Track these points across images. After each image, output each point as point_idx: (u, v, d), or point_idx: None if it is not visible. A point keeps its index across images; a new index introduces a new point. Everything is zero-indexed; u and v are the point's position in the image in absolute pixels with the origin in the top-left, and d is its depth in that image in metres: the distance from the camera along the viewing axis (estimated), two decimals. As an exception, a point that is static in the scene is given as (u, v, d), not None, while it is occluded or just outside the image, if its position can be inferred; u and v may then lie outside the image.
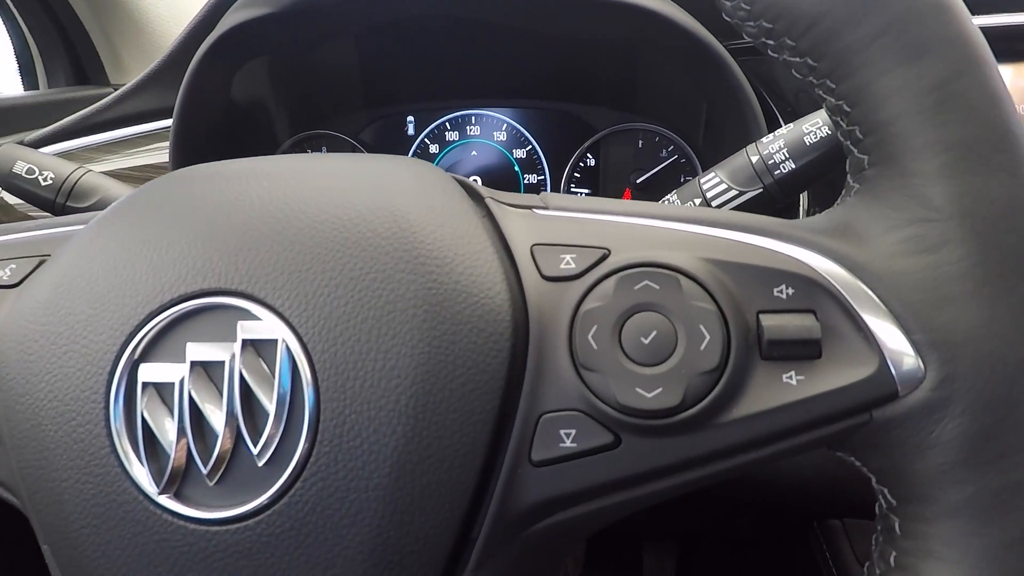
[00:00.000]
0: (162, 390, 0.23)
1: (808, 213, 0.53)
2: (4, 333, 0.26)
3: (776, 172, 0.38)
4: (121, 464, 0.23)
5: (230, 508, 0.22)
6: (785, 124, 0.40)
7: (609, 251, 0.24)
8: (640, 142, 0.66)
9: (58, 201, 0.45)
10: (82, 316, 0.24)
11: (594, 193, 0.68)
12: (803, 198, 0.53)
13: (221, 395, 0.23)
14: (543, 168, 0.69)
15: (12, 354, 0.25)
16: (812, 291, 0.23)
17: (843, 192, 0.26)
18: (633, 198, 0.67)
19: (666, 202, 0.41)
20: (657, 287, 0.23)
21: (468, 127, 0.69)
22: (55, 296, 0.25)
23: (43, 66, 0.79)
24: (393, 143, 0.70)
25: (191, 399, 0.23)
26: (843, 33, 0.23)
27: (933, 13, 0.22)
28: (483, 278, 0.24)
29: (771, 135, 0.39)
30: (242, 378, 0.23)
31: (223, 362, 0.23)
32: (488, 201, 0.27)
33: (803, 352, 0.22)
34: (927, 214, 0.22)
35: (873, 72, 0.23)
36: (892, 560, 0.23)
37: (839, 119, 0.25)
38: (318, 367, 0.22)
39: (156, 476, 0.23)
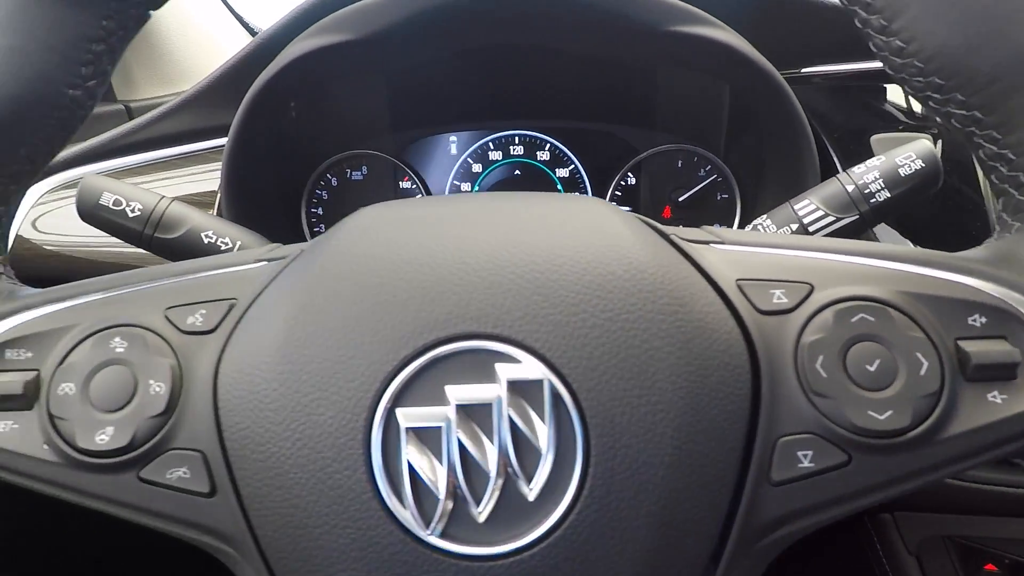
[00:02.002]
0: (425, 433, 0.24)
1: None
2: (226, 381, 0.25)
3: (872, 200, 0.41)
4: (385, 507, 0.24)
5: (502, 544, 0.23)
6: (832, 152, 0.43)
7: (813, 286, 0.27)
8: (680, 162, 0.69)
9: (146, 232, 0.44)
10: (327, 363, 0.24)
11: (635, 210, 0.71)
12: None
13: (490, 435, 0.23)
14: (585, 187, 0.71)
15: (243, 403, 0.25)
16: (1003, 318, 0.26)
17: (998, 229, 0.29)
18: (673, 216, 0.70)
19: (760, 227, 0.44)
20: (873, 319, 0.25)
21: (511, 147, 0.70)
22: (290, 343, 0.25)
23: None
24: (436, 163, 0.71)
25: (459, 441, 0.23)
26: (1019, 92, 0.26)
27: None
28: (713, 314, 0.26)
29: (862, 166, 0.42)
30: (510, 418, 0.23)
31: (489, 404, 0.24)
32: (673, 238, 0.29)
33: (1004, 374, 0.25)
34: None
35: None
36: None
37: (998, 164, 0.28)
38: (584, 405, 0.24)
39: (423, 517, 0.23)
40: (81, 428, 0.26)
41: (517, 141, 0.70)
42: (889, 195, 0.41)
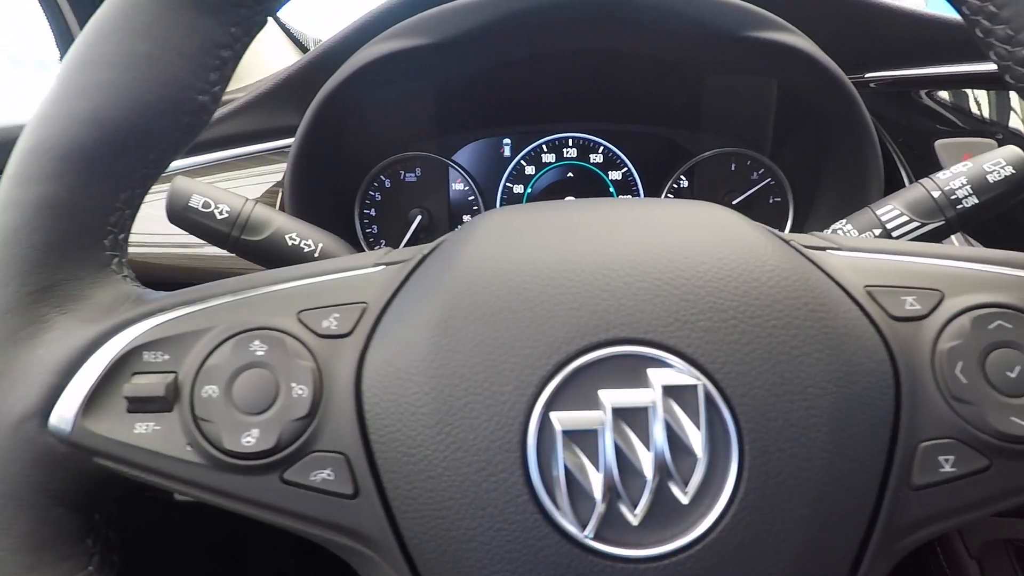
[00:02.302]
0: (580, 436, 0.24)
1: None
2: (371, 385, 0.26)
3: (959, 206, 0.42)
4: (541, 509, 0.24)
5: (658, 546, 0.24)
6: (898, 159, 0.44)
7: (943, 293, 0.27)
8: (733, 165, 0.69)
9: (232, 235, 0.44)
10: (478, 368, 0.25)
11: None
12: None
13: (645, 439, 0.24)
14: (638, 190, 0.71)
15: (391, 406, 0.25)
16: None
17: None
18: (724, 218, 0.70)
19: (841, 231, 0.44)
20: (1010, 326, 0.26)
21: (565, 149, 0.71)
22: (439, 348, 0.25)
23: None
24: (488, 165, 0.71)
25: (615, 444, 0.24)
26: None
27: None
28: (853, 320, 0.26)
29: (946, 172, 0.43)
30: (665, 422, 0.24)
31: (644, 408, 0.24)
32: (794, 244, 0.29)
33: None
34: None
35: None
36: None
37: None
38: (738, 409, 0.24)
39: (579, 519, 0.24)
40: (227, 430, 0.26)
41: (571, 143, 0.71)
42: (977, 201, 0.41)
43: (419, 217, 0.70)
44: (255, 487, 0.26)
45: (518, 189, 0.72)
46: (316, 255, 0.46)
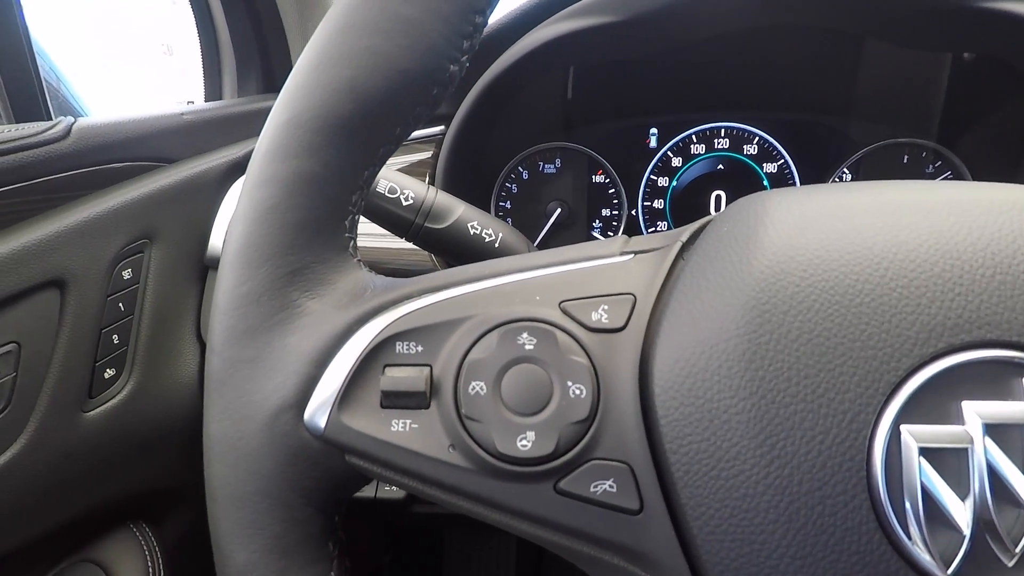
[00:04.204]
0: (941, 456, 0.20)
1: None
2: (666, 387, 0.23)
3: None
4: (891, 540, 0.20)
5: None
6: None
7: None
8: (906, 157, 0.63)
9: (416, 221, 0.42)
10: (808, 373, 0.21)
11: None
12: None
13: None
14: (795, 182, 0.66)
15: (694, 414, 0.22)
16: None
17: None
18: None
19: None
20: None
21: (716, 140, 0.66)
22: (756, 349, 0.22)
23: (236, 72, 0.76)
24: (632, 156, 0.67)
25: (988, 466, 0.20)
26: None
27: None
28: None
29: None
30: None
31: (1022, 425, 0.20)
32: None
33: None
34: None
35: None
36: None
37: None
38: None
39: (941, 555, 0.20)
40: (499, 432, 0.23)
41: (723, 134, 0.66)
42: None
43: (558, 210, 0.67)
44: (527, 496, 0.23)
45: (663, 182, 0.68)
46: (496, 245, 0.44)
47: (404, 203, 0.42)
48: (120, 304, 0.54)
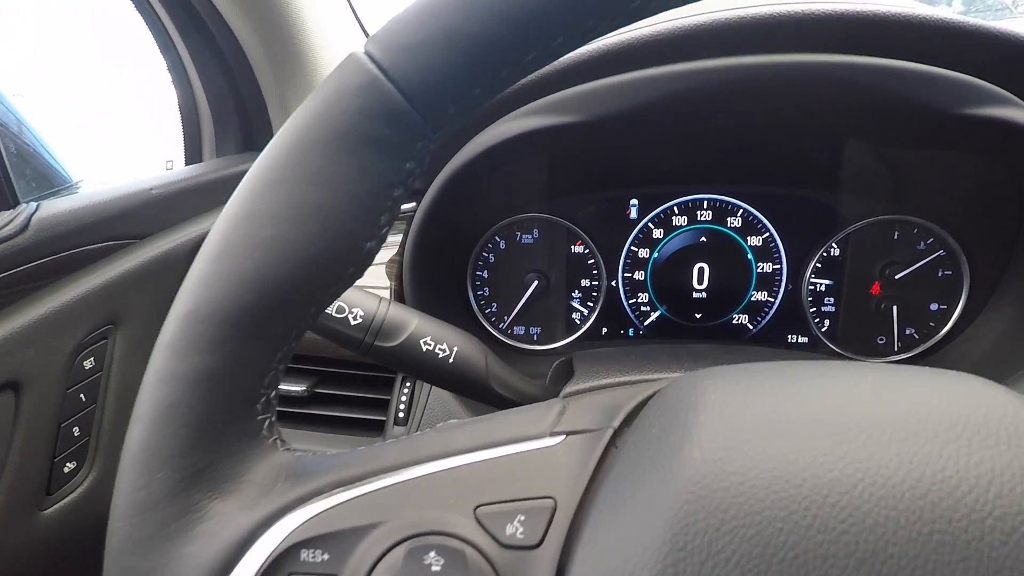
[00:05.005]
0: None
1: None
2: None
3: None
4: None
5: None
6: None
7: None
8: (896, 234, 0.61)
9: (366, 340, 0.41)
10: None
11: (837, 285, 0.63)
12: None
13: None
14: (780, 258, 0.64)
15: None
16: None
17: None
18: (881, 292, 0.62)
19: None
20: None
21: (699, 212, 0.64)
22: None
23: (213, 133, 0.75)
24: (612, 227, 0.65)
25: None
26: None
27: None
28: None
29: None
30: None
31: None
32: None
33: None
34: None
35: None
36: None
37: None
38: None
39: None
40: None
41: (705, 206, 0.64)
42: None
43: (536, 282, 0.66)
44: None
45: (643, 253, 0.66)
46: (451, 360, 0.42)
47: (352, 323, 0.40)
48: (81, 395, 0.53)
